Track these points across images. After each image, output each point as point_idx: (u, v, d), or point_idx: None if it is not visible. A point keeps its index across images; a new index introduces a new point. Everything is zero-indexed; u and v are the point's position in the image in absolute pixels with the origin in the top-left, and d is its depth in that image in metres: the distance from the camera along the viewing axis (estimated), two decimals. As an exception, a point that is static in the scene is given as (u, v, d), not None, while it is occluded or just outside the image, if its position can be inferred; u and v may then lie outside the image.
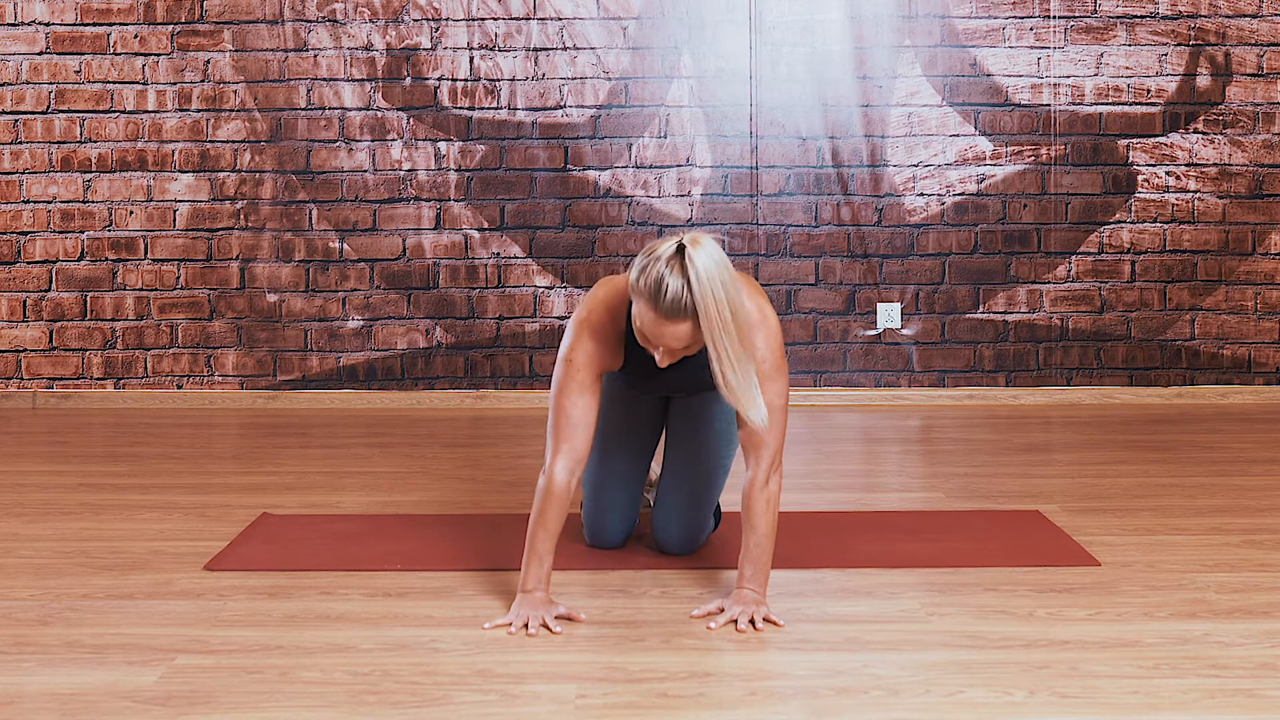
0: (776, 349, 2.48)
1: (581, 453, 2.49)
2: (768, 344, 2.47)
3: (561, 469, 2.47)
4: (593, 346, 2.52)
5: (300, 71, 5.10)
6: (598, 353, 2.52)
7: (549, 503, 2.47)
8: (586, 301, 2.55)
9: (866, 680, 2.19)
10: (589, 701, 2.10)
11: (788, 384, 2.53)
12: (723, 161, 5.12)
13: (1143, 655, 2.29)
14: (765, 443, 2.48)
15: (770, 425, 2.46)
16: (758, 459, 2.49)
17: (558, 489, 2.47)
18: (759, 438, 2.47)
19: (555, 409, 2.51)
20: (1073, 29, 5.07)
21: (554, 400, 2.51)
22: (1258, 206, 5.12)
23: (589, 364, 2.51)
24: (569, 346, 2.52)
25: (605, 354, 2.54)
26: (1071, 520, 3.26)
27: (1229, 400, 5.14)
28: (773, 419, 2.47)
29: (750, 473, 2.50)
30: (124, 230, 5.16)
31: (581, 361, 2.51)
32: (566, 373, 2.51)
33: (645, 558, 2.92)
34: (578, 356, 2.51)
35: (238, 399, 5.18)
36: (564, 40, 5.08)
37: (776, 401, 2.47)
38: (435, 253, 5.14)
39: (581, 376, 2.50)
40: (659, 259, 2.30)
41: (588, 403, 2.50)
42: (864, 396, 5.17)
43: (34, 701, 2.12)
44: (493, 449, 4.29)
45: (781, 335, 2.51)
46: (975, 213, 5.13)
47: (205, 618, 2.53)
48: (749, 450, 2.50)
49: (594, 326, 2.52)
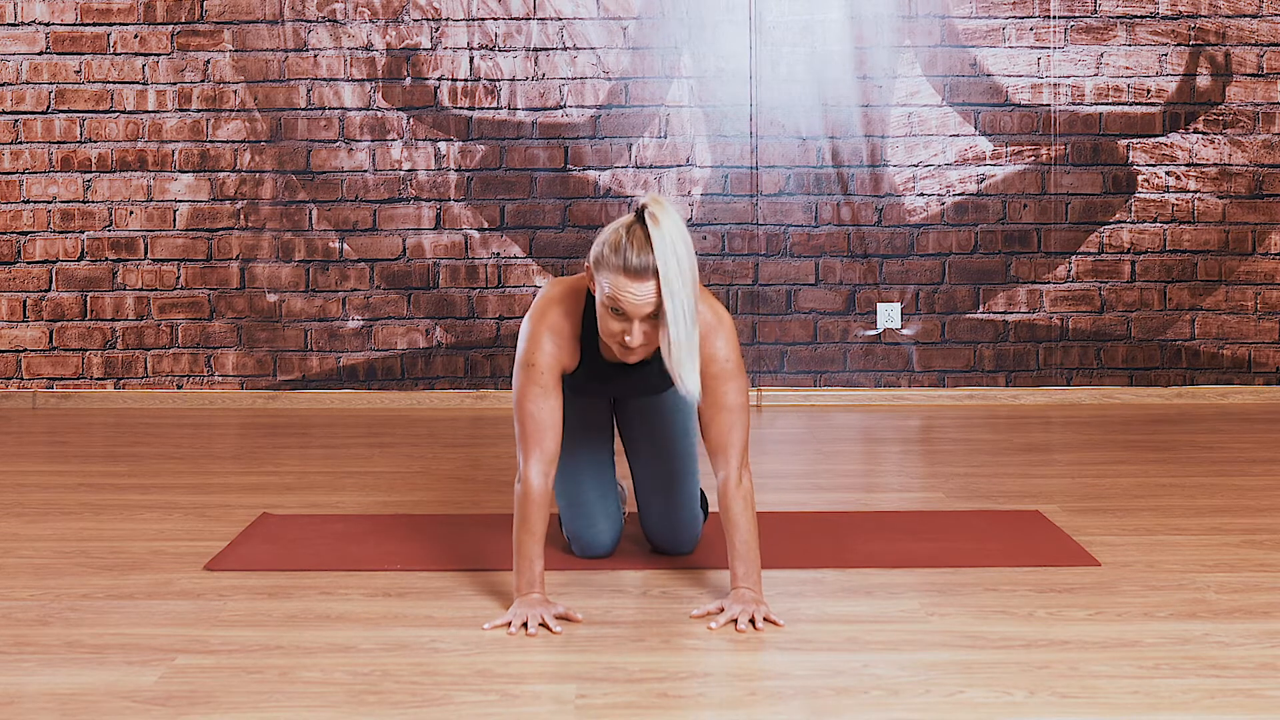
0: (736, 349, 2.53)
1: (552, 454, 2.51)
2: (728, 344, 2.51)
3: (536, 473, 2.49)
4: (551, 347, 2.53)
5: (300, 71, 5.10)
6: (556, 354, 2.53)
7: (529, 507, 2.49)
8: (538, 303, 2.56)
9: (866, 680, 2.19)
10: (589, 701, 2.10)
11: (748, 383, 2.56)
12: (723, 161, 5.12)
13: (1143, 655, 2.29)
14: (731, 442, 2.51)
15: (734, 424, 2.51)
16: (726, 459, 2.51)
17: (535, 492, 2.49)
18: (725, 438, 2.51)
19: (521, 414, 2.52)
20: (1073, 29, 5.07)
21: (518, 405, 2.52)
22: (1258, 206, 5.12)
23: (550, 366, 2.52)
24: (526, 350, 2.53)
25: (563, 354, 2.55)
26: (1071, 520, 3.26)
27: (1229, 400, 5.14)
28: (737, 418, 2.51)
29: (722, 474, 2.52)
30: (124, 230, 5.16)
31: (543, 364, 2.52)
32: (528, 376, 2.51)
33: (644, 558, 2.91)
34: (539, 359, 2.52)
35: (238, 399, 5.18)
36: (564, 40, 5.08)
37: (739, 400, 2.51)
38: (435, 253, 5.14)
39: (543, 379, 2.51)
40: (621, 225, 2.38)
41: (553, 405, 2.51)
42: (864, 396, 5.17)
43: (34, 701, 2.12)
44: (493, 449, 4.29)
45: (737, 337, 2.55)
46: (975, 213, 5.13)
47: (205, 618, 2.53)
48: (716, 452, 2.52)
49: (551, 327, 2.53)
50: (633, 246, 2.33)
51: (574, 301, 2.55)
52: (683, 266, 2.32)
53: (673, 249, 2.31)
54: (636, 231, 2.35)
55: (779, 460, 4.13)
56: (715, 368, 2.49)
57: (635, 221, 2.37)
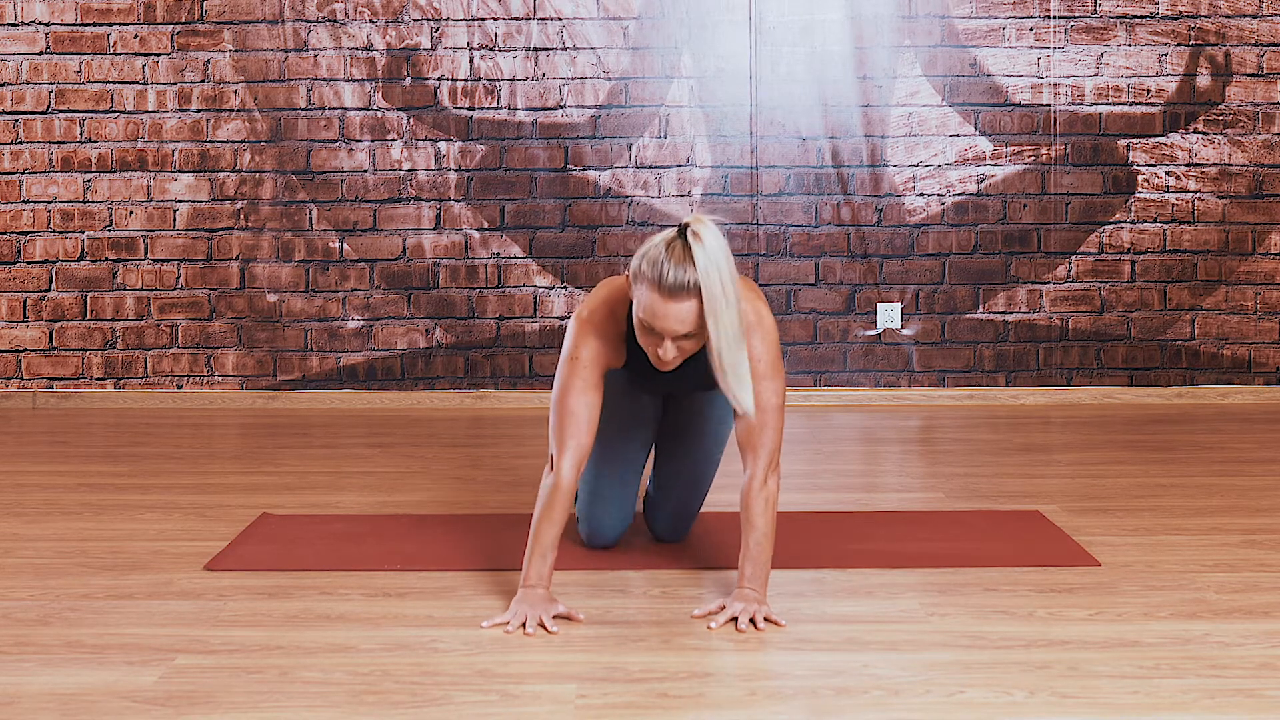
0: (774, 349, 2.50)
1: (586, 449, 2.51)
2: (764, 344, 2.48)
3: (569, 466, 2.49)
4: (597, 344, 2.53)
5: (300, 71, 5.10)
6: (602, 350, 2.53)
7: (556, 498, 2.48)
8: (588, 301, 2.57)
9: (866, 680, 2.19)
10: (589, 701, 2.10)
11: (784, 385, 2.54)
12: (723, 161, 5.12)
13: (1143, 655, 2.29)
14: (762, 443, 2.49)
15: (767, 425, 2.48)
16: (755, 459, 2.50)
17: (565, 485, 2.48)
18: (756, 438, 2.49)
19: (560, 407, 2.51)
20: (1073, 29, 5.07)
21: (558, 398, 2.52)
22: (1258, 206, 5.12)
23: (594, 361, 2.52)
24: (573, 344, 2.53)
25: (608, 351, 2.55)
26: (1071, 520, 3.26)
27: (1229, 400, 5.14)
28: (770, 419, 2.48)
29: (749, 472, 2.51)
30: (124, 230, 5.16)
31: (587, 359, 2.52)
32: (571, 370, 2.52)
33: (645, 558, 2.92)
34: (583, 354, 2.52)
35: (238, 399, 5.18)
36: (564, 40, 5.08)
37: (773, 401, 2.49)
38: (435, 253, 5.14)
39: (587, 374, 2.51)
40: (661, 240, 2.35)
41: (591, 400, 2.51)
42: (864, 396, 5.17)
43: (34, 701, 2.12)
44: (493, 449, 4.29)
45: (778, 337, 2.53)
46: (975, 213, 5.13)
47: (205, 618, 2.53)
48: (747, 450, 2.51)
49: (597, 325, 2.53)
50: (670, 267, 2.29)
51: (621, 303, 2.55)
52: (726, 287, 2.28)
53: (716, 270, 2.27)
54: (677, 249, 2.31)
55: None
56: (751, 367, 2.46)
57: (677, 237, 2.33)
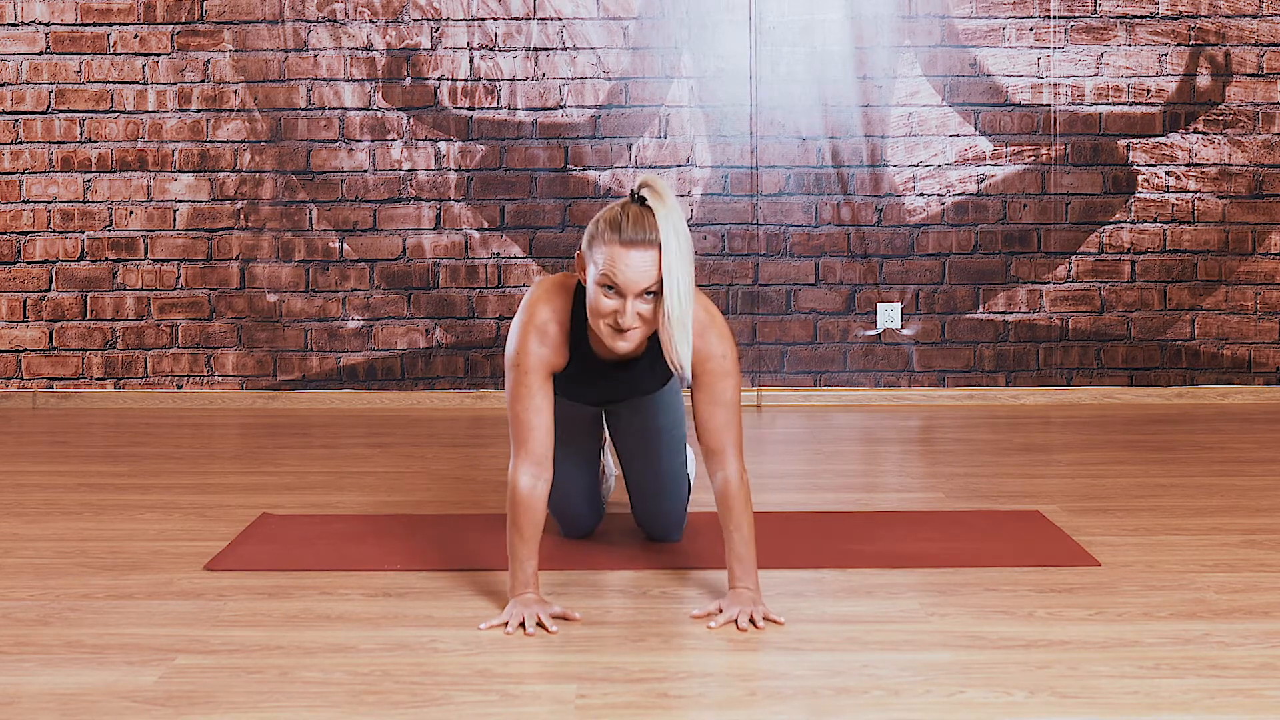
0: (731, 346, 2.53)
1: (540, 454, 2.50)
2: (722, 342, 2.51)
3: (524, 475, 2.49)
4: (538, 347, 2.52)
5: (300, 71, 5.10)
6: (543, 353, 2.53)
7: (516, 510, 2.49)
8: (526, 303, 2.56)
9: (866, 680, 2.19)
10: (589, 701, 2.10)
11: (741, 381, 2.57)
12: (723, 161, 5.12)
13: (1143, 655, 2.29)
14: (728, 441, 2.52)
15: (730, 421, 2.52)
16: (723, 459, 2.52)
17: (521, 495, 2.48)
18: (722, 438, 2.51)
19: (510, 415, 2.53)
20: (1073, 29, 5.07)
21: (509, 406, 2.53)
22: (1258, 206, 5.12)
23: (538, 366, 2.52)
24: (515, 351, 2.52)
25: (550, 354, 2.54)
26: (1071, 520, 3.26)
27: (1229, 400, 5.14)
28: (730, 415, 2.52)
29: (720, 475, 2.53)
30: (124, 230, 5.16)
31: (530, 364, 2.51)
32: (516, 378, 2.52)
33: (643, 558, 2.91)
34: (525, 360, 2.51)
35: (238, 399, 5.18)
36: (564, 40, 5.08)
37: (734, 396, 2.53)
38: (435, 253, 5.14)
39: (530, 379, 2.51)
40: (617, 205, 2.41)
41: (539, 404, 2.51)
42: (864, 396, 5.17)
43: (34, 701, 2.12)
44: (493, 449, 4.29)
45: (731, 333, 2.56)
46: (975, 213, 5.13)
47: (205, 618, 2.53)
48: (714, 451, 2.53)
49: (537, 327, 2.53)
50: (628, 220, 2.35)
51: (562, 299, 2.55)
52: (681, 241, 2.34)
53: (673, 223, 2.33)
54: (632, 208, 2.37)
55: (779, 460, 4.13)
56: (712, 364, 2.50)
57: (632, 200, 2.40)
